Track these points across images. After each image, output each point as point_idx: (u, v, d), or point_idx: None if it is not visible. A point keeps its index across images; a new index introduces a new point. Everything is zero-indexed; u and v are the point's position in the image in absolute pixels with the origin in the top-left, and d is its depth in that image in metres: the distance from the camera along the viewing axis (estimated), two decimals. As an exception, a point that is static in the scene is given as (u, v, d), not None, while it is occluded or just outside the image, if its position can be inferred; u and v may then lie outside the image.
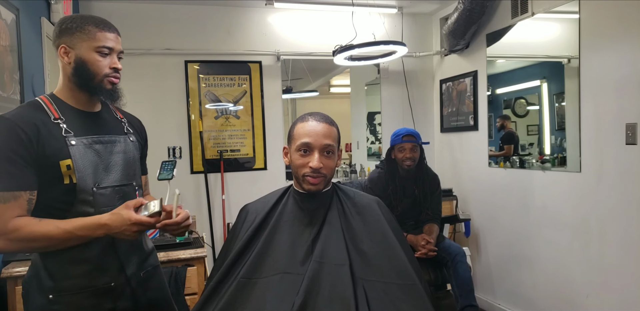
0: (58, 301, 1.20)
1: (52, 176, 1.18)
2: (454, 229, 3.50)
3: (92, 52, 1.24)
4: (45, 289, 1.20)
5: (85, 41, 1.23)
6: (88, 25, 1.24)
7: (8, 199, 1.12)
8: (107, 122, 1.35)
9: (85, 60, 1.23)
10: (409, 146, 2.64)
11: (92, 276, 1.24)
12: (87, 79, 1.24)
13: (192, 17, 3.40)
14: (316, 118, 1.33)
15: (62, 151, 1.19)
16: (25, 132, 1.14)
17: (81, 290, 1.22)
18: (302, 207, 1.36)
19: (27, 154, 1.14)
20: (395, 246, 1.30)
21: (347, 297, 1.16)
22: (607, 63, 2.34)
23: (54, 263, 1.22)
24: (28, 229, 1.12)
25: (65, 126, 1.22)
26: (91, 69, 1.24)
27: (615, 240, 2.35)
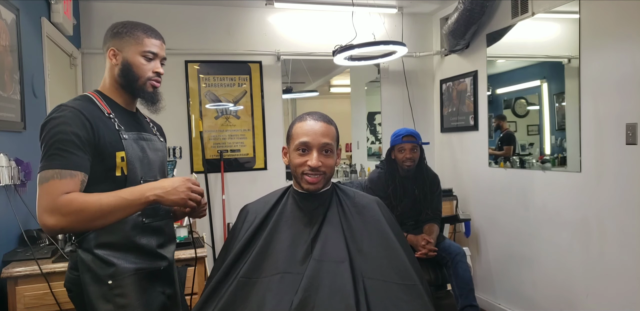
0: (119, 285, 1.26)
1: (108, 166, 1.26)
2: (454, 229, 3.50)
3: (138, 56, 1.34)
4: (103, 277, 1.25)
5: (133, 45, 1.34)
6: (137, 31, 1.35)
7: (65, 176, 1.17)
8: (142, 122, 1.47)
9: (131, 63, 1.33)
10: (409, 146, 2.64)
11: (144, 260, 1.32)
12: (132, 80, 1.34)
13: (192, 17, 3.40)
14: (314, 117, 1.34)
15: (117, 143, 1.28)
16: (88, 120, 1.22)
17: (137, 272, 1.30)
18: (301, 207, 1.36)
19: (87, 140, 1.21)
20: (395, 246, 1.30)
21: (347, 292, 1.17)
22: (607, 63, 2.34)
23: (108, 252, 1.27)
24: (80, 199, 1.16)
25: (117, 121, 1.31)
26: (136, 71, 1.33)
27: (615, 240, 2.35)
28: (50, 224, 1.14)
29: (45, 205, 1.14)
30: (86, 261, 1.27)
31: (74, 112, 1.22)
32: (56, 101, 2.62)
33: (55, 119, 1.21)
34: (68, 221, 1.15)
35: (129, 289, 1.28)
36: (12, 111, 1.95)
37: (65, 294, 1.80)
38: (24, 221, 1.98)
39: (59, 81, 2.74)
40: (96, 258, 1.26)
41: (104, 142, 1.24)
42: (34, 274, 1.77)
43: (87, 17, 3.22)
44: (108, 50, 1.34)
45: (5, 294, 1.79)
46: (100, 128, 1.24)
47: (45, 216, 1.14)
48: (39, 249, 1.93)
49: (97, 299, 1.26)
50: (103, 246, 1.27)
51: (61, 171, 1.16)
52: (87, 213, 1.16)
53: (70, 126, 1.20)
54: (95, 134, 1.23)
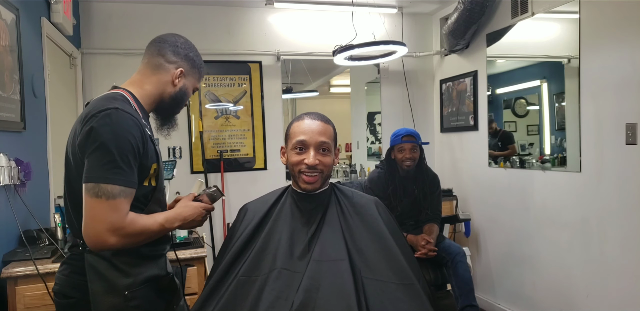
0: (134, 297, 1.20)
1: (142, 176, 1.21)
2: (454, 229, 3.50)
3: (191, 89, 1.39)
4: (119, 288, 1.18)
5: (195, 79, 1.39)
6: (203, 68, 1.43)
7: (128, 195, 1.13)
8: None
9: (186, 92, 1.37)
10: (409, 146, 2.64)
11: (157, 269, 1.29)
12: (177, 106, 1.37)
13: (192, 17, 3.40)
14: (311, 117, 1.34)
15: (153, 154, 1.23)
16: (141, 131, 1.17)
17: (151, 280, 1.24)
18: (300, 207, 1.36)
19: (138, 152, 1.17)
20: (392, 246, 1.30)
21: (348, 291, 1.17)
22: (607, 63, 2.34)
23: (129, 260, 1.21)
24: (139, 222, 1.15)
25: (148, 128, 1.26)
26: (183, 102, 1.38)
27: (615, 240, 2.35)
28: (111, 244, 1.11)
29: (110, 223, 1.10)
30: (99, 268, 1.19)
31: (132, 119, 1.16)
32: (56, 101, 2.62)
33: (114, 125, 1.12)
34: (126, 242, 1.14)
35: (144, 300, 1.22)
36: (12, 111, 1.95)
37: None
38: (23, 222, 1.98)
39: (59, 81, 2.75)
40: (112, 267, 1.19)
41: (146, 155, 1.20)
42: (33, 274, 1.77)
43: (87, 17, 3.22)
44: (177, 68, 1.32)
45: (5, 294, 1.79)
46: (147, 140, 1.20)
47: (107, 234, 1.10)
48: (38, 250, 1.93)
49: (110, 309, 1.19)
50: (122, 254, 1.20)
51: (126, 189, 1.13)
52: (142, 237, 1.17)
53: (131, 135, 1.14)
54: (141, 145, 1.18)
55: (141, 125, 1.18)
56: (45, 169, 2.37)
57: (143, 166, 1.19)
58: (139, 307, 1.20)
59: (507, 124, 3.19)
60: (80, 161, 1.15)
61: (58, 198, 2.45)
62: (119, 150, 1.11)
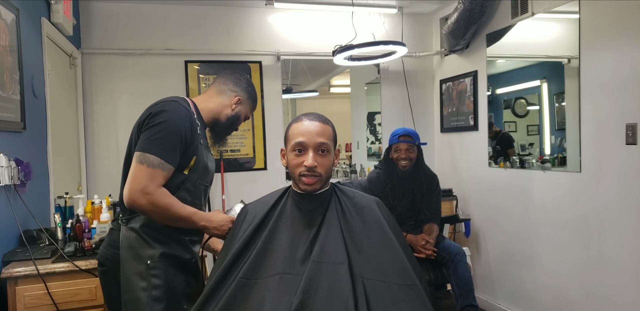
0: (155, 266, 1.40)
1: (182, 165, 1.44)
2: (454, 229, 3.50)
3: (244, 116, 1.66)
4: (143, 256, 1.40)
5: (249, 108, 1.67)
6: (255, 102, 1.69)
7: (166, 169, 1.37)
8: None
9: (240, 119, 1.65)
10: (405, 146, 2.64)
11: (180, 249, 1.47)
12: (230, 128, 1.65)
13: (192, 17, 3.40)
14: (310, 118, 1.34)
15: (197, 148, 1.47)
16: (191, 124, 1.43)
17: (172, 258, 1.44)
18: (300, 207, 1.36)
19: (184, 142, 1.41)
20: (394, 247, 1.30)
21: (346, 295, 1.16)
22: (607, 63, 2.34)
23: (154, 234, 1.42)
24: (169, 199, 1.38)
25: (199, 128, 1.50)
26: (236, 124, 1.65)
27: (615, 240, 2.35)
28: (140, 203, 1.34)
29: (145, 185, 1.33)
30: (129, 238, 1.42)
31: (186, 113, 1.43)
32: (56, 101, 2.62)
33: (170, 112, 1.39)
34: (150, 208, 1.35)
35: (162, 271, 1.41)
36: (12, 111, 1.95)
37: (63, 294, 1.83)
38: (23, 222, 1.98)
39: (58, 81, 2.75)
40: (140, 238, 1.42)
41: (191, 146, 1.44)
42: (33, 274, 1.77)
43: (87, 17, 3.22)
44: (236, 96, 1.62)
45: (5, 294, 1.79)
46: (195, 133, 1.45)
47: (139, 194, 1.33)
48: (38, 250, 1.93)
49: (134, 275, 1.40)
50: (149, 228, 1.42)
51: (165, 163, 1.36)
52: (165, 213, 1.37)
53: (181, 124, 1.40)
54: (190, 138, 1.42)
55: (193, 120, 1.44)
56: (45, 169, 2.37)
57: (186, 155, 1.42)
58: (157, 276, 1.40)
59: (507, 124, 3.19)
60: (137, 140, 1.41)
61: (58, 198, 2.45)
62: (169, 131, 1.37)
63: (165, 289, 1.41)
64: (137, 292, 1.39)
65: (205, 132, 1.59)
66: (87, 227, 2.06)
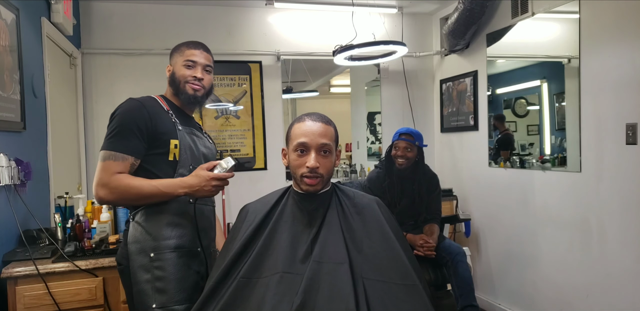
0: (159, 258, 1.44)
1: (162, 151, 1.49)
2: (454, 229, 3.50)
3: (181, 66, 1.59)
4: (146, 249, 1.45)
5: (178, 58, 1.61)
6: (182, 46, 1.63)
7: (118, 159, 1.42)
8: (195, 124, 1.71)
9: (175, 71, 1.60)
10: (404, 144, 2.64)
11: (185, 239, 1.49)
12: (175, 84, 1.59)
13: (192, 17, 3.40)
14: (312, 118, 1.33)
15: (173, 132, 1.51)
16: (148, 112, 1.47)
17: (176, 249, 1.47)
18: (301, 207, 1.36)
19: (145, 129, 1.45)
20: (395, 246, 1.30)
21: (347, 294, 1.16)
22: (607, 63, 2.34)
23: (155, 226, 1.47)
24: (126, 181, 1.41)
25: (174, 116, 1.55)
26: (177, 77, 1.59)
27: (615, 240, 2.35)
28: (101, 195, 1.41)
29: (99, 180, 1.41)
30: (135, 233, 1.48)
31: (138, 104, 1.48)
32: (56, 101, 2.62)
33: (122, 108, 1.47)
34: (114, 196, 1.41)
35: (167, 263, 1.44)
36: (12, 111, 1.95)
37: (63, 294, 1.83)
38: (23, 221, 1.98)
39: (59, 81, 2.75)
40: (144, 231, 1.46)
41: (161, 131, 1.48)
42: (33, 274, 1.77)
43: (87, 17, 3.22)
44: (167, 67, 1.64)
45: (5, 294, 1.79)
46: (158, 119, 1.48)
47: (98, 188, 1.41)
48: (38, 249, 1.92)
49: (138, 268, 1.44)
50: (151, 221, 1.47)
51: (116, 153, 1.42)
52: (128, 195, 1.41)
53: (132, 115, 1.45)
54: (152, 123, 1.46)
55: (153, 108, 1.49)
56: (45, 169, 2.37)
57: (159, 140, 1.47)
58: (161, 268, 1.44)
59: (507, 124, 3.19)
60: None
61: (58, 198, 2.45)
62: (119, 125, 1.43)
63: (169, 280, 1.43)
64: (142, 284, 1.44)
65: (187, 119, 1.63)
66: (87, 227, 2.06)
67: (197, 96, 1.60)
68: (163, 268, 1.44)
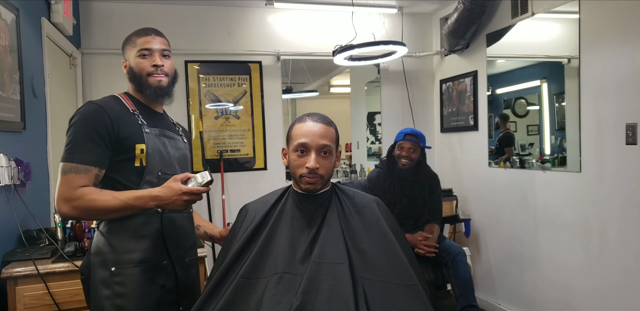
0: (120, 273, 1.34)
1: (127, 157, 1.36)
2: (454, 229, 3.50)
3: (136, 57, 1.44)
4: (108, 263, 1.34)
5: (131, 51, 1.45)
6: (132, 36, 1.46)
7: (80, 171, 1.30)
8: (168, 122, 1.58)
9: (132, 66, 1.44)
10: (409, 144, 2.64)
11: (150, 252, 1.38)
12: (137, 80, 1.44)
13: (192, 17, 3.40)
14: (313, 119, 1.33)
15: (138, 136, 1.38)
16: (109, 116, 1.33)
17: (140, 264, 1.35)
18: (301, 207, 1.36)
19: (107, 134, 1.32)
20: (394, 246, 1.30)
21: (347, 295, 1.16)
22: (607, 63, 2.34)
23: (118, 238, 1.36)
24: (91, 196, 1.29)
25: (140, 117, 1.42)
26: (136, 71, 1.43)
27: (615, 240, 2.34)
28: (64, 212, 1.29)
29: (61, 194, 1.29)
30: (98, 243, 1.37)
31: (97, 108, 1.33)
32: (56, 101, 2.62)
33: (80, 114, 1.33)
34: (77, 212, 1.29)
35: (129, 279, 1.34)
36: (12, 111, 1.95)
37: (63, 294, 1.83)
38: (23, 222, 1.98)
39: (58, 81, 2.74)
40: (107, 242, 1.36)
41: (124, 135, 1.35)
42: (33, 274, 1.77)
43: (87, 17, 3.22)
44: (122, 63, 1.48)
45: (5, 294, 1.79)
46: (121, 122, 1.35)
47: (60, 203, 1.29)
48: (38, 250, 1.92)
49: (99, 282, 1.34)
50: (114, 232, 1.36)
51: (78, 166, 1.29)
52: (94, 210, 1.29)
53: (92, 121, 1.31)
54: (115, 128, 1.33)
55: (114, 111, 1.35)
56: (45, 169, 2.37)
57: (124, 145, 1.35)
58: (122, 284, 1.33)
59: (507, 124, 3.19)
60: None
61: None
62: (77, 133, 1.31)
63: (130, 298, 1.33)
64: (102, 300, 1.33)
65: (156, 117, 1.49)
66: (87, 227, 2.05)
67: (162, 87, 1.46)
68: (124, 284, 1.33)
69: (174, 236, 1.44)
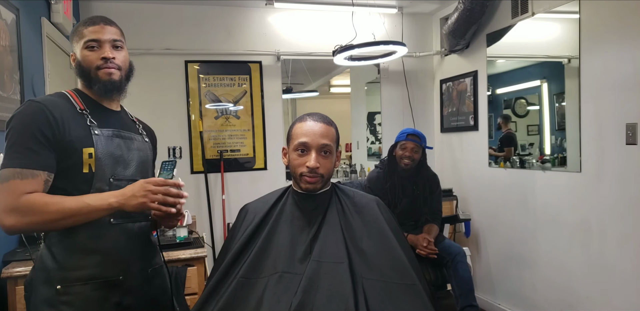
0: (66, 292, 1.18)
1: (73, 162, 1.20)
2: (454, 229, 3.50)
3: (83, 49, 1.27)
4: (53, 280, 1.18)
5: (77, 42, 1.29)
6: (79, 26, 1.29)
7: (26, 176, 1.12)
8: (125, 120, 1.39)
9: (80, 59, 1.28)
10: (411, 145, 2.64)
11: (102, 268, 1.22)
12: (85, 74, 1.28)
13: (192, 17, 3.40)
14: (314, 118, 1.34)
15: (86, 139, 1.22)
16: (53, 115, 1.17)
17: (90, 281, 1.20)
18: (301, 207, 1.36)
19: (52, 136, 1.16)
20: (394, 246, 1.30)
21: (346, 294, 1.16)
22: (607, 63, 2.34)
23: (65, 252, 1.20)
24: (41, 200, 1.12)
25: (90, 117, 1.26)
26: (84, 65, 1.27)
27: (615, 240, 2.34)
28: (9, 224, 1.10)
29: (4, 205, 1.10)
30: (43, 258, 1.21)
31: (39, 106, 1.17)
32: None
33: (19, 114, 1.17)
34: (27, 222, 1.11)
35: (77, 298, 1.18)
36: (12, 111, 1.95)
37: None
38: (24, 221, 1.98)
39: (59, 81, 2.74)
40: (52, 257, 1.20)
41: (71, 138, 1.19)
42: (33, 274, 1.77)
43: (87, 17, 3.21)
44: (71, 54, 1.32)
45: (5, 294, 1.79)
46: (67, 123, 1.19)
47: (3, 215, 1.10)
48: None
49: (42, 302, 1.18)
50: (61, 246, 1.20)
51: (22, 170, 1.12)
52: (47, 215, 1.11)
53: (35, 122, 1.15)
54: (60, 130, 1.17)
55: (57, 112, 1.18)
56: (45, 169, 2.36)
57: (69, 150, 1.18)
58: (69, 304, 1.17)
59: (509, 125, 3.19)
60: None
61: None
62: (16, 137, 1.14)
63: None
64: None
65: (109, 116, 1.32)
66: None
67: (114, 81, 1.28)
68: (71, 304, 1.17)
69: (132, 248, 1.29)
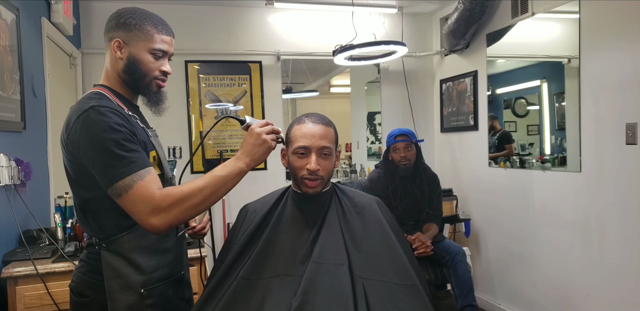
0: (150, 295, 1.19)
1: None
2: (454, 229, 3.50)
3: (146, 53, 1.22)
4: (134, 285, 1.18)
5: (142, 41, 1.21)
6: (147, 25, 1.22)
7: (143, 176, 1.09)
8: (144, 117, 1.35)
9: (138, 59, 1.21)
10: (402, 145, 2.64)
11: (173, 265, 1.28)
12: (137, 78, 1.22)
13: (192, 17, 3.40)
14: (312, 120, 1.33)
15: (148, 141, 1.21)
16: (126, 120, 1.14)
17: (167, 279, 1.25)
18: (301, 208, 1.36)
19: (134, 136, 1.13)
20: (395, 246, 1.30)
21: (346, 296, 1.16)
22: (607, 63, 2.34)
23: (143, 256, 1.19)
24: (176, 190, 1.10)
25: (138, 119, 1.23)
26: (142, 69, 1.22)
27: (615, 240, 2.34)
28: (159, 224, 1.08)
29: (145, 209, 1.08)
30: (115, 265, 1.18)
31: (110, 111, 1.11)
32: (56, 101, 2.62)
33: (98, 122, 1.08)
34: (174, 214, 1.09)
35: (159, 298, 1.21)
36: (12, 111, 1.95)
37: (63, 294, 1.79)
38: (23, 222, 1.98)
39: (59, 81, 2.75)
40: (129, 264, 1.18)
41: (140, 142, 1.15)
42: (33, 274, 1.77)
43: (87, 17, 3.22)
44: (112, 41, 1.21)
45: (5, 294, 1.79)
46: (135, 127, 1.17)
47: (150, 219, 1.08)
48: (38, 249, 1.93)
49: (126, 309, 1.17)
50: (138, 251, 1.19)
51: (138, 172, 1.08)
52: (190, 201, 1.10)
53: (119, 124, 1.10)
54: (132, 131, 1.13)
55: (124, 115, 1.15)
56: (45, 169, 2.37)
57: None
58: (155, 306, 1.20)
59: (507, 124, 3.19)
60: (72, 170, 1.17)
61: (58, 198, 2.45)
62: (110, 143, 1.07)
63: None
64: None
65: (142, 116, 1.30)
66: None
67: (159, 94, 1.28)
68: (155, 306, 1.20)
69: (182, 243, 1.35)
